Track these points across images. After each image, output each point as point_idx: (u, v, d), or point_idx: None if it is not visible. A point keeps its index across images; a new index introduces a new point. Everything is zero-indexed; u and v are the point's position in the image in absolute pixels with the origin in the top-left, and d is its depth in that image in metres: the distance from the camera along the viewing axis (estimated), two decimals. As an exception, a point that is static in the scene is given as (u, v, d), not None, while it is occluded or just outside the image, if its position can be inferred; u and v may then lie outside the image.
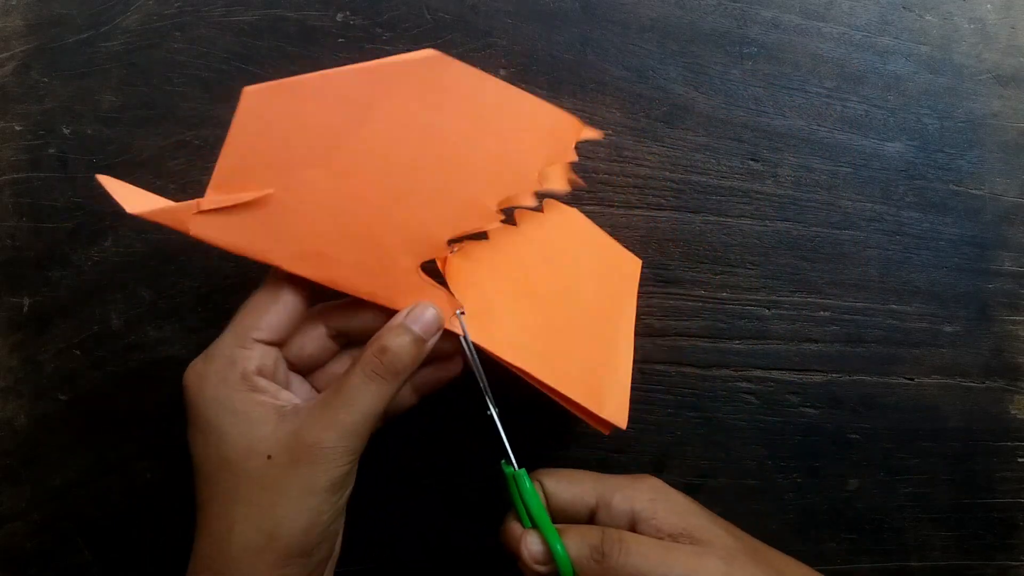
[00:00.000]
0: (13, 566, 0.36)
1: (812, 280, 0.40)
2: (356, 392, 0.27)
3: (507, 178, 0.30)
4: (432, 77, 0.28)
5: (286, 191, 0.27)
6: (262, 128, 0.27)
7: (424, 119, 0.28)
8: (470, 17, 0.40)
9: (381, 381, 0.27)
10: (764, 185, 0.40)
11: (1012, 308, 0.41)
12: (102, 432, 0.36)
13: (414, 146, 0.28)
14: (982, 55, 0.42)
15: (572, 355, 0.33)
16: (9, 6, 0.38)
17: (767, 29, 0.41)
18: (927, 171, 0.41)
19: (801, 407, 0.40)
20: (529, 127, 0.30)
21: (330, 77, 0.27)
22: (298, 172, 0.28)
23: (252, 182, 0.27)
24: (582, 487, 0.30)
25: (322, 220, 0.28)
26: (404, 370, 0.28)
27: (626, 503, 0.30)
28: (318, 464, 0.26)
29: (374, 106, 0.28)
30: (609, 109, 0.40)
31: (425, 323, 0.28)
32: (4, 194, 0.37)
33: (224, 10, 0.38)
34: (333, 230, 0.28)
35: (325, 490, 0.26)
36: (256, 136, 0.27)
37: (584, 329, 0.34)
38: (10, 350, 0.37)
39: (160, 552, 0.36)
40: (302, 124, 0.27)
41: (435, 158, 0.29)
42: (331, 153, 0.28)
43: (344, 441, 0.27)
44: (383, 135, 0.28)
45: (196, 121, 0.38)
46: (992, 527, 0.40)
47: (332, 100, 0.27)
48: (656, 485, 0.31)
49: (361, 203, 0.28)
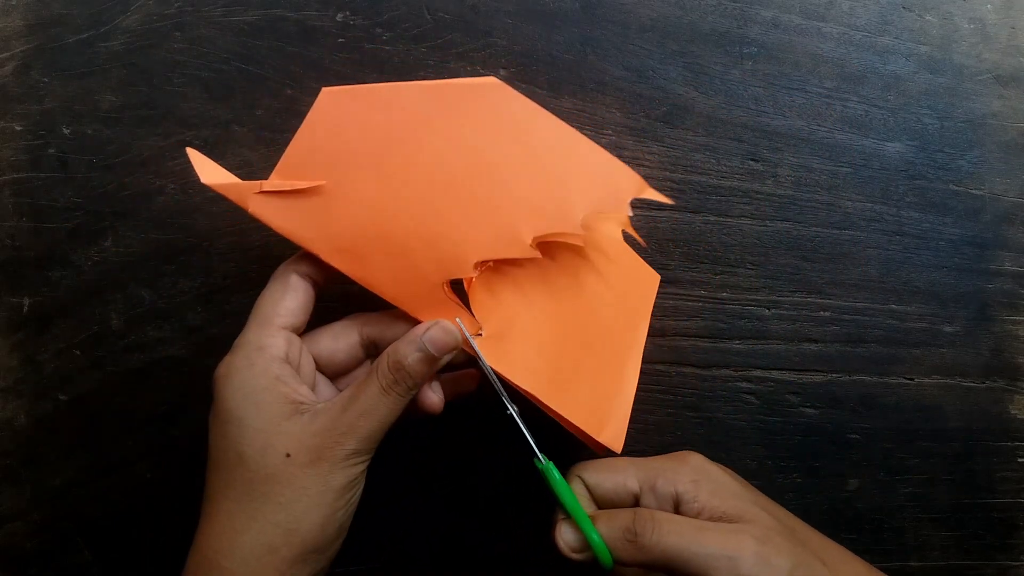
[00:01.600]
0: (13, 566, 0.36)
1: (812, 280, 0.40)
2: (373, 403, 0.28)
3: (549, 214, 0.30)
4: (490, 103, 0.30)
5: (338, 187, 0.29)
6: (331, 126, 0.29)
7: (476, 142, 0.29)
8: (470, 17, 0.40)
9: (395, 395, 0.28)
10: (764, 185, 0.40)
11: (1012, 308, 0.41)
12: (102, 432, 0.36)
13: (462, 166, 0.30)
14: (982, 55, 0.42)
15: (580, 380, 0.33)
16: (9, 6, 0.38)
17: (767, 29, 0.41)
18: (927, 171, 0.41)
19: (801, 407, 0.40)
20: (582, 170, 0.31)
21: (400, 89, 0.29)
22: (352, 171, 0.29)
23: (312, 173, 0.29)
24: (624, 475, 0.31)
25: (365, 220, 0.29)
26: (416, 385, 0.29)
27: (669, 486, 0.30)
28: (336, 465, 0.27)
29: (431, 123, 0.29)
30: (609, 109, 0.40)
31: (440, 344, 0.29)
32: (4, 194, 0.37)
33: (224, 10, 0.38)
34: (373, 232, 0.29)
35: (341, 489, 0.28)
36: (324, 132, 0.29)
37: (597, 351, 0.34)
38: (10, 350, 0.37)
39: (160, 552, 0.36)
40: (366, 128, 0.29)
41: (480, 181, 0.30)
42: (384, 159, 0.29)
43: (360, 445, 0.28)
44: (435, 151, 0.29)
45: (196, 121, 0.38)
46: (992, 527, 0.40)
47: (397, 111, 0.29)
48: (699, 465, 0.31)
49: (403, 212, 0.30)
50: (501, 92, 0.30)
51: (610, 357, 0.35)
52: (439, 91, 0.29)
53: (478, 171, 0.30)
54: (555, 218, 0.30)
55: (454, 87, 0.29)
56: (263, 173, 0.37)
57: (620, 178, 0.31)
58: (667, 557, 0.27)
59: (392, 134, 0.29)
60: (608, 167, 0.31)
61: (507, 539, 0.38)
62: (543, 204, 0.30)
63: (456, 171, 0.30)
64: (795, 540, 0.28)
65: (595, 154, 0.31)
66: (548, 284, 0.33)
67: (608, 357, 0.34)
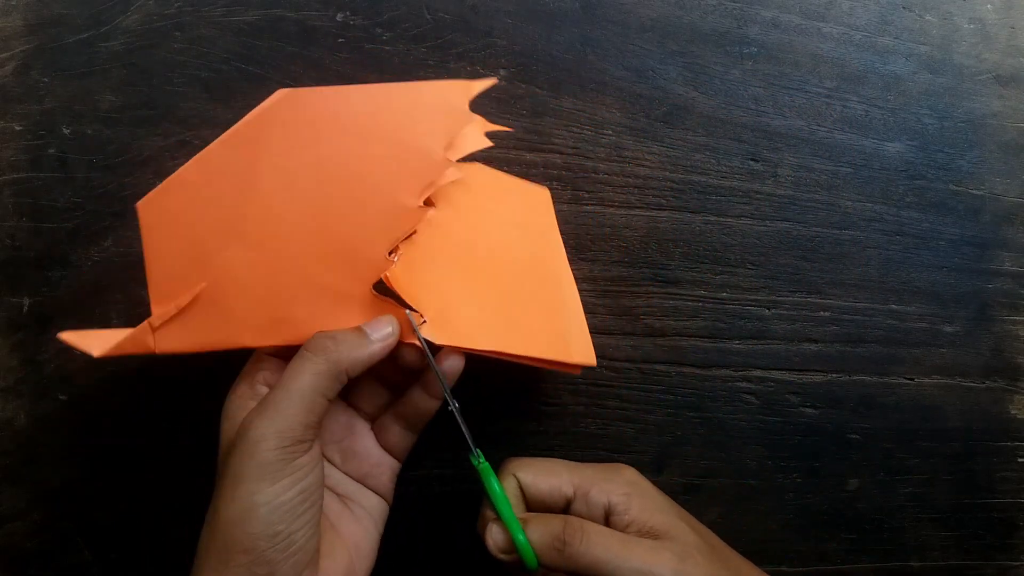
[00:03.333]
0: (13, 566, 0.36)
1: (812, 280, 0.40)
2: (286, 374, 0.27)
3: (416, 170, 0.29)
4: (293, 114, 0.28)
5: (216, 279, 0.28)
6: (168, 232, 0.28)
7: (309, 155, 0.28)
8: (470, 17, 0.40)
9: (313, 360, 0.27)
10: (764, 185, 0.40)
11: (1012, 308, 0.41)
12: (102, 432, 0.36)
13: (313, 183, 0.29)
14: (982, 55, 0.42)
15: (528, 315, 0.33)
16: (9, 6, 0.38)
17: (767, 29, 0.41)
18: (927, 171, 0.41)
19: (801, 407, 0.40)
20: (414, 113, 0.30)
21: (203, 158, 0.28)
22: (218, 257, 0.28)
23: (184, 284, 0.28)
24: (559, 479, 0.31)
25: (261, 289, 0.28)
26: (341, 358, 0.27)
27: (603, 496, 0.30)
28: (246, 450, 0.25)
29: (255, 166, 0.28)
30: (609, 109, 0.40)
31: (380, 328, 0.29)
32: (4, 194, 0.37)
33: (224, 10, 0.38)
34: (276, 293, 0.29)
35: (255, 479, 0.25)
36: (167, 242, 0.28)
37: (527, 281, 0.34)
38: (10, 350, 0.36)
39: (160, 552, 0.36)
40: (200, 213, 0.28)
41: (339, 184, 0.29)
42: (238, 226, 0.28)
43: (272, 426, 0.26)
44: (278, 188, 0.28)
45: (196, 121, 0.38)
46: (992, 527, 0.40)
47: (215, 178, 0.28)
48: (632, 479, 0.32)
49: (289, 256, 0.29)
50: (293, 97, 0.28)
51: (542, 282, 0.34)
52: (240, 135, 0.28)
53: (331, 176, 0.29)
54: (424, 169, 0.29)
55: (251, 123, 0.28)
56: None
57: (448, 93, 0.30)
58: (592, 568, 0.28)
59: (227, 200, 0.28)
60: (433, 93, 0.30)
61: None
62: (406, 165, 0.29)
63: (311, 189, 0.29)
64: (714, 558, 0.29)
65: (415, 91, 0.30)
66: (456, 242, 0.32)
67: (541, 283, 0.34)
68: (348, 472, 0.32)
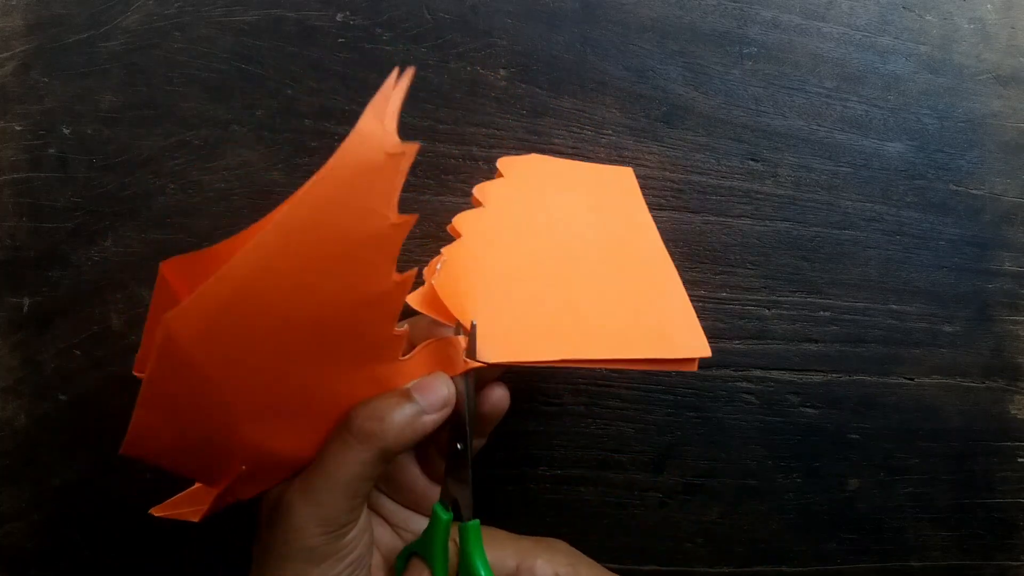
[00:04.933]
0: (13, 566, 0.36)
1: (812, 280, 0.40)
2: (329, 458, 0.25)
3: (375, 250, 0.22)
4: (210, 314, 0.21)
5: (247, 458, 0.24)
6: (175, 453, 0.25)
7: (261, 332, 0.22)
8: (470, 17, 0.40)
9: (357, 448, 0.24)
10: (764, 185, 0.40)
11: (1012, 308, 0.41)
12: (102, 432, 0.36)
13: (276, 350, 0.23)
14: (982, 55, 0.42)
15: (610, 311, 0.29)
16: (9, 6, 0.38)
17: (767, 29, 0.41)
18: (927, 171, 0.41)
19: (801, 407, 0.40)
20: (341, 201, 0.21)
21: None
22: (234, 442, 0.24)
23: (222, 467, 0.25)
24: (503, 551, 0.30)
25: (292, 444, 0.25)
26: (388, 438, 0.24)
27: (549, 568, 0.29)
28: (289, 531, 0.24)
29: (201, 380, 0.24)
30: (609, 109, 0.40)
31: (430, 388, 0.26)
32: (4, 194, 0.37)
33: (224, 10, 0.38)
34: (314, 425, 0.25)
35: (300, 561, 0.24)
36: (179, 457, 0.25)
37: (609, 273, 0.30)
38: (10, 350, 0.37)
39: (160, 552, 0.36)
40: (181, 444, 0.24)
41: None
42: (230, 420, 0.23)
43: (315, 511, 0.24)
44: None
45: (196, 121, 0.38)
46: (992, 527, 0.40)
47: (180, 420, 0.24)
48: (571, 551, 0.31)
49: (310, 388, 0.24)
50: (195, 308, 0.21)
51: (629, 271, 0.30)
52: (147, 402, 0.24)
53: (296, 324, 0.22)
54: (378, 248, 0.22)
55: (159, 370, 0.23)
56: (262, 173, 0.37)
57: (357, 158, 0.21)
58: None
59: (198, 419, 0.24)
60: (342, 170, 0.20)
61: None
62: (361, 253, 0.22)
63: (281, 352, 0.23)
64: None
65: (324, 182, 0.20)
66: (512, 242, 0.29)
67: (627, 272, 0.30)
68: (397, 500, 0.31)
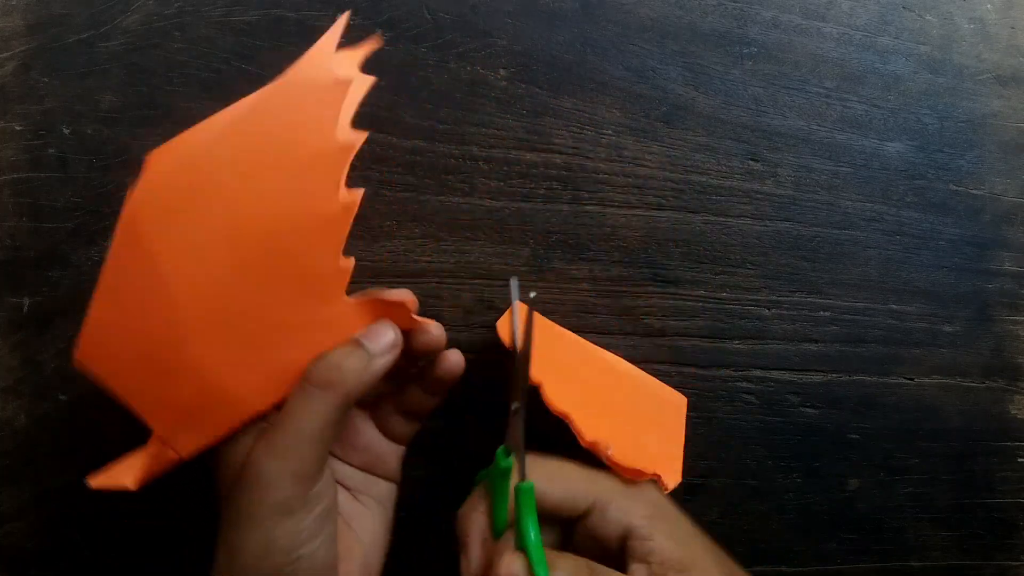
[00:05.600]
0: (13, 566, 0.36)
1: (812, 280, 0.40)
2: (293, 409, 0.25)
3: (323, 169, 0.27)
4: (172, 171, 0.27)
5: (193, 372, 0.26)
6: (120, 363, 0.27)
7: (211, 205, 0.26)
8: (470, 17, 0.40)
9: (319, 395, 0.25)
10: (764, 185, 0.40)
11: (1012, 308, 0.41)
12: (102, 432, 0.36)
13: (232, 228, 0.26)
14: (982, 55, 0.42)
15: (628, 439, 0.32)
16: (9, 6, 0.38)
17: (767, 29, 0.41)
18: (927, 171, 0.41)
19: (801, 407, 0.40)
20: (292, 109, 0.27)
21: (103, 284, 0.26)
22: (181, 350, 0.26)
23: (165, 393, 0.27)
24: (575, 488, 0.28)
25: (239, 357, 0.26)
26: (347, 382, 0.26)
27: (622, 515, 0.28)
28: (259, 488, 0.25)
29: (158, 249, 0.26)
30: (609, 109, 0.40)
31: (375, 332, 0.27)
32: (4, 194, 0.37)
33: (224, 10, 0.38)
34: (256, 353, 0.27)
35: (273, 515, 0.25)
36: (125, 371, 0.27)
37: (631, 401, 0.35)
38: (10, 350, 0.36)
39: (160, 552, 0.36)
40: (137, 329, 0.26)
41: (256, 221, 0.26)
42: (178, 317, 0.26)
43: (283, 463, 0.25)
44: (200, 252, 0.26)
45: (196, 121, 0.38)
46: (992, 527, 0.40)
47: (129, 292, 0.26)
48: (655, 500, 0.29)
49: (249, 314, 0.26)
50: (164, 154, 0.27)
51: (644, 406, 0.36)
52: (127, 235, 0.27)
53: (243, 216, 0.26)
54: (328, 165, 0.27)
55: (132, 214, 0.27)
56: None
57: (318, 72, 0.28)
58: None
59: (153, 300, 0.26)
60: (300, 84, 0.28)
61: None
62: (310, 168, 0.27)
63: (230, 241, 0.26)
64: None
65: (282, 89, 0.28)
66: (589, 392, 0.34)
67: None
68: (354, 464, 0.31)
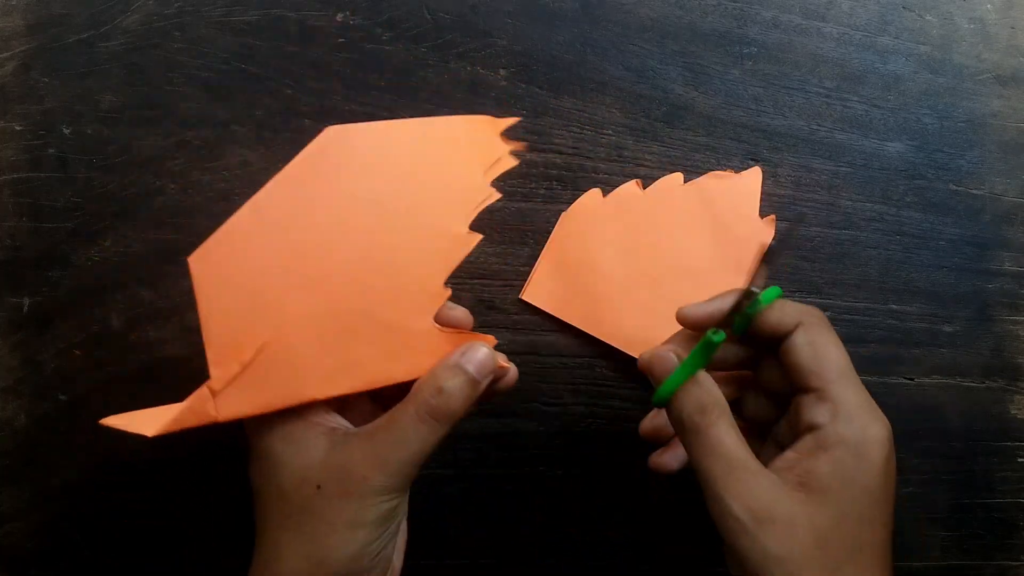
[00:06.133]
0: (13, 566, 0.36)
1: (812, 280, 0.40)
2: (407, 433, 0.27)
3: (461, 197, 0.29)
4: (342, 151, 0.28)
5: (279, 330, 0.27)
6: (224, 286, 0.26)
7: (361, 191, 0.28)
8: (470, 17, 0.40)
9: (433, 424, 0.27)
10: (764, 185, 0.40)
11: (1012, 308, 0.41)
12: (102, 432, 0.36)
13: (366, 219, 0.28)
14: (982, 55, 0.42)
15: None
16: (9, 6, 0.38)
17: (767, 29, 0.41)
18: (927, 171, 0.41)
19: (801, 407, 0.39)
20: (452, 143, 0.30)
21: (256, 204, 0.27)
22: (278, 306, 0.27)
23: (246, 339, 0.26)
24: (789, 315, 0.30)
25: (325, 334, 0.27)
26: (457, 412, 0.27)
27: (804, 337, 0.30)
28: (365, 499, 0.26)
29: (309, 206, 0.27)
30: (609, 109, 0.40)
31: (479, 362, 0.28)
32: (4, 194, 0.37)
33: (224, 10, 0.38)
34: (339, 336, 0.27)
35: (372, 524, 0.26)
36: (223, 297, 0.26)
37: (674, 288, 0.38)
38: (10, 350, 0.37)
39: (160, 552, 0.36)
40: (256, 261, 0.27)
41: (391, 218, 0.28)
42: (297, 270, 0.27)
43: (391, 480, 0.26)
44: (333, 227, 0.27)
45: (196, 121, 0.38)
46: (992, 527, 0.40)
47: (269, 224, 0.27)
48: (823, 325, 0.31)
49: (349, 296, 0.27)
50: (341, 134, 0.28)
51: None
52: (292, 177, 0.27)
53: (382, 208, 0.28)
54: (466, 196, 0.29)
55: (300, 163, 0.27)
56: (262, 173, 0.37)
57: (478, 129, 0.30)
58: (696, 471, 0.27)
59: (285, 244, 0.27)
60: (465, 127, 0.30)
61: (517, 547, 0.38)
62: (450, 193, 0.29)
63: (365, 225, 0.28)
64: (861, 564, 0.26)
65: (449, 124, 0.30)
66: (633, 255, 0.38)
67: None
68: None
